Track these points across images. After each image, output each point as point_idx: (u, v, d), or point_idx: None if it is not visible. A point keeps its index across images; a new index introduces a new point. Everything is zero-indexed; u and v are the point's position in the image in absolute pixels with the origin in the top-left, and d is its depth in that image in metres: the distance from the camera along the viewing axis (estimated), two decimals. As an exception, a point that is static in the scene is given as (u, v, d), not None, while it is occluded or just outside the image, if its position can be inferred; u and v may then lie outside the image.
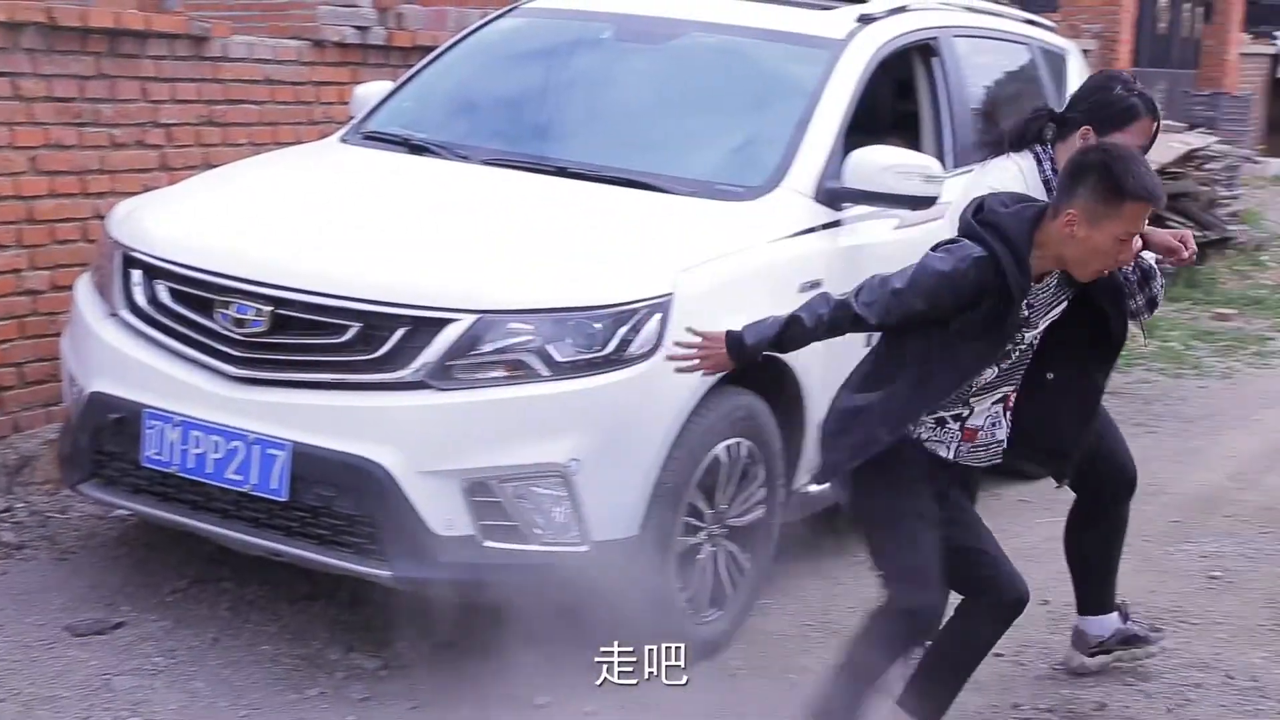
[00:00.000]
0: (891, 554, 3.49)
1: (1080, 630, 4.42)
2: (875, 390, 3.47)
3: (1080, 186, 3.31)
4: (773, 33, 5.17)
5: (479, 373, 3.88)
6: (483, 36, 5.56)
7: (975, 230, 3.38)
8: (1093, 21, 14.91)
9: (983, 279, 3.31)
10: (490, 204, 4.54)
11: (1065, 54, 6.54)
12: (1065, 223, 3.31)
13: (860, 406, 3.48)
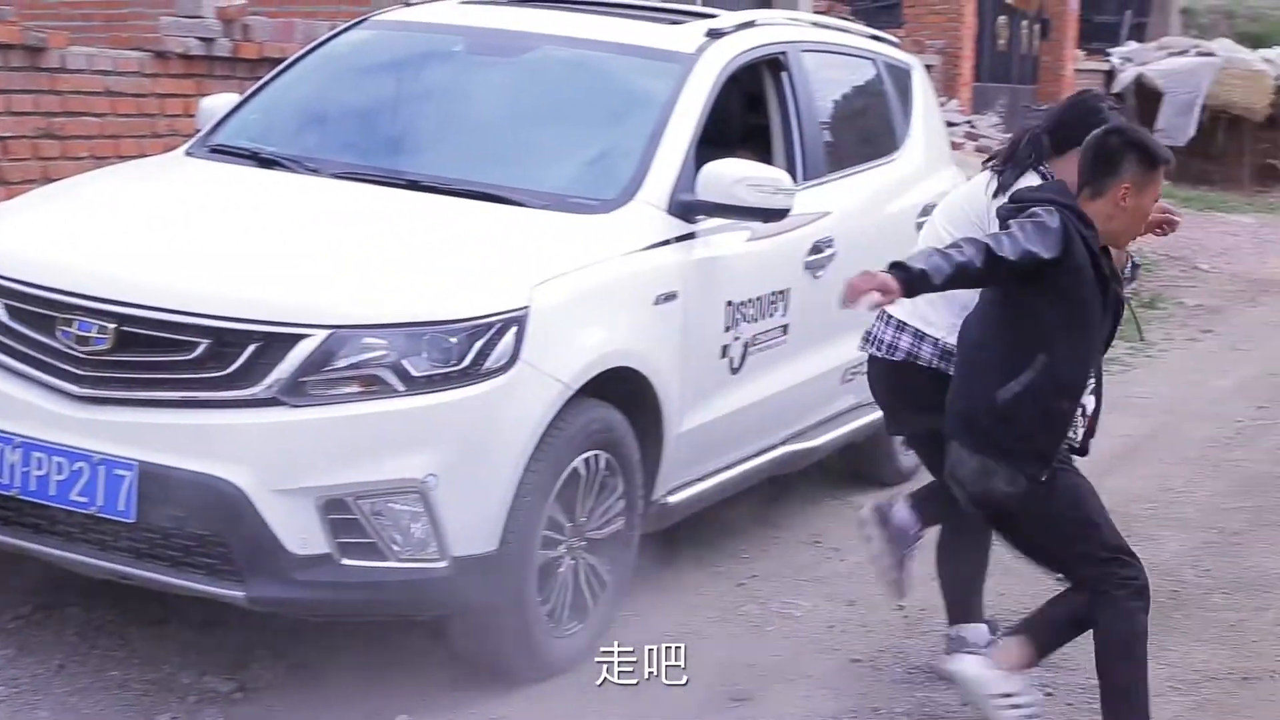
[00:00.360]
0: (1096, 535, 3.82)
1: (959, 637, 4.47)
2: (1025, 372, 3.78)
3: (1124, 162, 3.81)
4: (624, 46, 5.20)
5: (333, 389, 3.82)
6: (332, 48, 5.49)
7: (1044, 198, 3.82)
8: (936, 38, 15.27)
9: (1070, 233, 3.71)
10: (342, 218, 4.48)
11: (910, 69, 6.67)
12: (1120, 196, 3.79)
13: (1024, 389, 3.77)
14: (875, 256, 5.74)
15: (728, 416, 4.95)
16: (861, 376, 5.82)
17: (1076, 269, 3.74)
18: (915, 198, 6.23)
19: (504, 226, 4.43)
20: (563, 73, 5.26)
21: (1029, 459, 3.82)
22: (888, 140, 6.32)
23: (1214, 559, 5.59)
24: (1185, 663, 4.63)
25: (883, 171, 6.12)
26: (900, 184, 6.19)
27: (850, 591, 5.11)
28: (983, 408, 3.85)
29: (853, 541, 5.62)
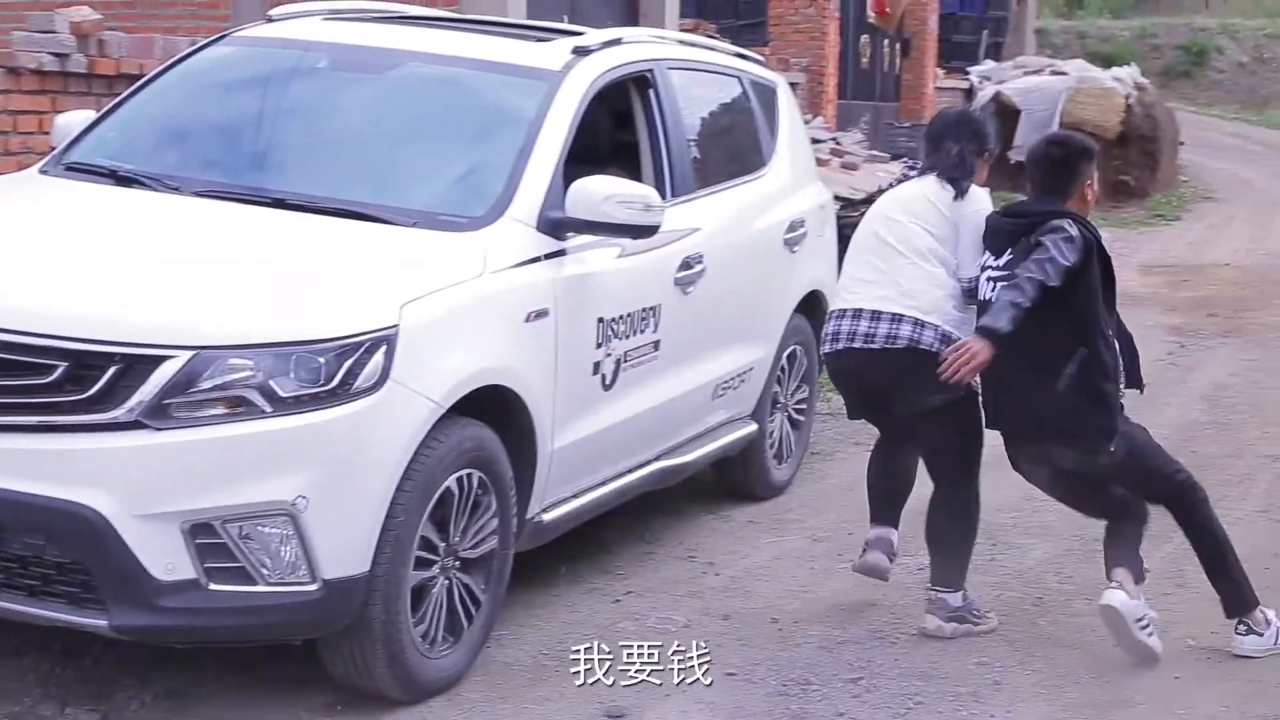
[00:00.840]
0: (1162, 468, 4.87)
1: (940, 599, 5.00)
2: (1071, 362, 4.65)
3: (1083, 163, 4.85)
4: (490, 64, 5.18)
5: (198, 410, 3.75)
6: (192, 64, 5.40)
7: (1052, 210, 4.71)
8: (800, 56, 15.46)
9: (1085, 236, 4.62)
10: (205, 236, 4.40)
11: (775, 87, 6.75)
12: (1085, 191, 4.84)
13: (1075, 379, 4.64)
14: (744, 272, 5.88)
15: (601, 433, 4.95)
16: (733, 391, 5.91)
17: (1092, 263, 4.63)
18: (782, 213, 6.30)
19: (372, 245, 4.38)
20: (429, 90, 5.24)
21: (1096, 438, 4.70)
22: (754, 157, 6.38)
23: (1075, 565, 5.71)
24: (1049, 667, 4.72)
25: (750, 188, 6.18)
26: (767, 200, 6.26)
27: (725, 605, 5.14)
28: (1042, 409, 4.71)
29: (727, 555, 5.67)
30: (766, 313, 6.18)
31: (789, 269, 6.32)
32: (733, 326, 5.84)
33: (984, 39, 22.91)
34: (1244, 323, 11.25)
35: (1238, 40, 38.34)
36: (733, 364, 5.88)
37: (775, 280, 6.22)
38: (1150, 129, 18.86)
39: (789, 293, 6.34)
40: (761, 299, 6.11)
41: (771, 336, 6.22)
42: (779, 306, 6.28)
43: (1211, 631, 5.04)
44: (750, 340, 6.04)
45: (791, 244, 6.31)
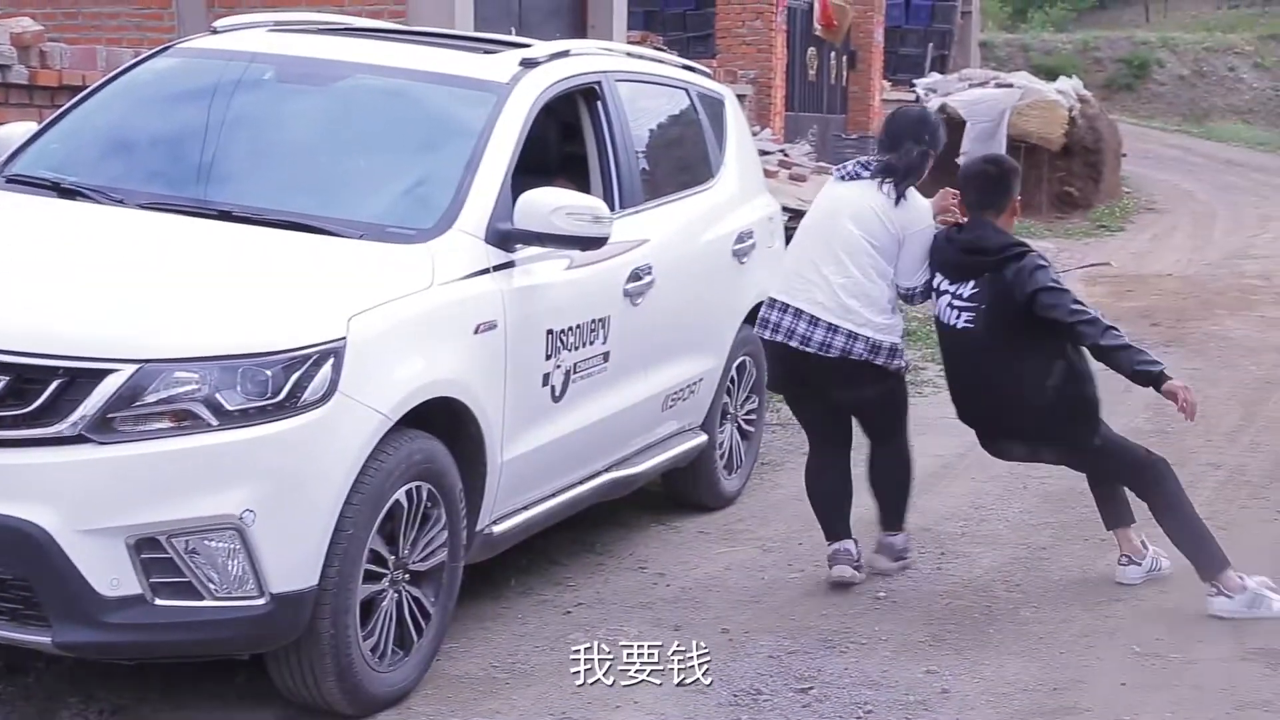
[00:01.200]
0: (1128, 451, 5.48)
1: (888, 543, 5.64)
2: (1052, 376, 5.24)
3: (1015, 180, 5.37)
4: (438, 76, 5.17)
5: (143, 424, 3.71)
6: (136, 76, 5.35)
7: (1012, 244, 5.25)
8: (748, 68, 15.54)
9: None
10: (150, 249, 4.36)
11: (723, 99, 6.77)
12: (1015, 208, 5.38)
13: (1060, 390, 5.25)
14: (693, 283, 5.89)
15: (551, 444, 4.94)
16: (683, 402, 5.92)
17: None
18: (731, 225, 6.32)
19: (319, 257, 4.36)
20: (376, 102, 5.22)
21: (1084, 438, 5.35)
22: (703, 168, 6.40)
23: (1023, 574, 5.75)
24: (998, 675, 4.75)
25: (699, 199, 6.20)
26: (716, 211, 6.28)
27: (676, 616, 5.14)
28: (1032, 420, 5.30)
29: (677, 566, 5.67)
30: (715, 324, 6.20)
31: (738, 280, 6.34)
32: (682, 338, 5.85)
33: (929, 51, 23.13)
34: (1186, 332, 11.38)
35: (1178, 54, 38.84)
36: (682, 375, 5.89)
37: (724, 291, 6.24)
38: (1093, 141, 19.07)
39: (738, 304, 6.36)
40: (710, 310, 6.12)
41: (721, 347, 6.24)
42: (728, 317, 6.29)
43: (1156, 638, 5.09)
44: (699, 351, 6.05)
45: (740, 255, 6.33)
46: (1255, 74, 38.38)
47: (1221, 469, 7.40)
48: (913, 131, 5.39)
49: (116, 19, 10.60)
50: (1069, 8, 52.19)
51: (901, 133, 5.38)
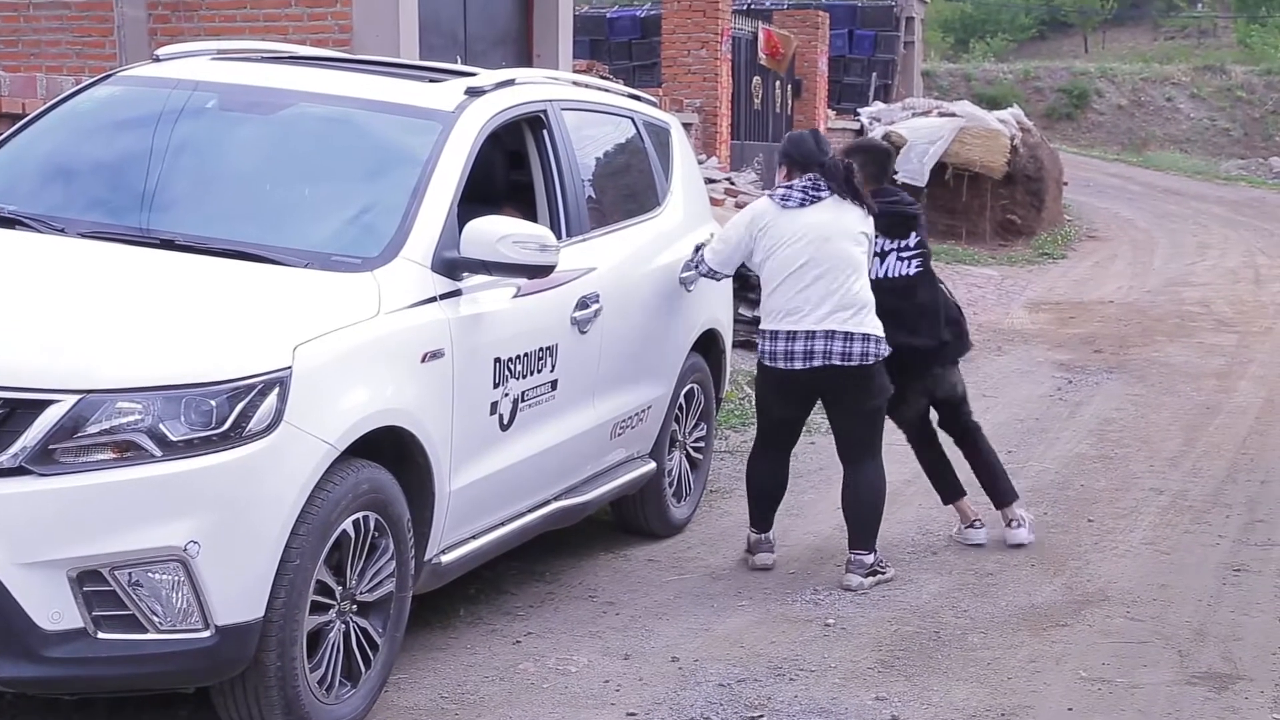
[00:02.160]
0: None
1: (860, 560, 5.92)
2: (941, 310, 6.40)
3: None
4: (383, 104, 5.15)
5: (85, 455, 3.66)
6: (77, 104, 5.31)
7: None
8: (694, 97, 15.60)
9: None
10: (91, 278, 4.31)
11: (668, 127, 6.79)
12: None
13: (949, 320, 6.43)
14: (640, 311, 5.90)
15: (499, 473, 4.92)
16: (631, 430, 5.92)
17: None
18: (678, 253, 6.33)
19: (264, 286, 4.32)
20: (321, 130, 5.19)
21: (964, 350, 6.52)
22: (649, 197, 6.41)
23: (971, 600, 5.78)
24: (946, 701, 4.76)
25: (645, 227, 6.21)
26: (663, 239, 6.29)
27: (626, 645, 5.12)
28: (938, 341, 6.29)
29: (627, 594, 5.66)
30: (663, 352, 6.20)
31: (685, 308, 6.35)
32: (630, 365, 5.85)
33: (873, 81, 23.35)
34: (1128, 358, 11.51)
35: (1116, 84, 39.41)
36: (631, 403, 5.89)
37: (672, 319, 6.24)
38: (1035, 169, 19.29)
39: (686, 332, 6.37)
40: (658, 338, 6.13)
41: (669, 375, 6.24)
42: (676, 345, 6.30)
43: (1103, 663, 5.12)
44: (648, 379, 6.06)
45: (687, 283, 6.34)
46: (1192, 104, 39.00)
47: (1164, 494, 7.48)
48: (823, 147, 6.00)
49: (57, 46, 10.53)
50: (1010, 38, 52.90)
51: (817, 150, 5.96)
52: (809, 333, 5.74)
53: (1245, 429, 9.03)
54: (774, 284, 5.81)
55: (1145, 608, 5.70)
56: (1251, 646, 5.31)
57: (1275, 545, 6.60)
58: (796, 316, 5.76)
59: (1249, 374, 10.93)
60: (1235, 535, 6.74)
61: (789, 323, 5.77)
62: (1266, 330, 13.10)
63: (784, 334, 5.78)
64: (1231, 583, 6.05)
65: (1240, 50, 47.84)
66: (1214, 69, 40.66)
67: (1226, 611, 5.69)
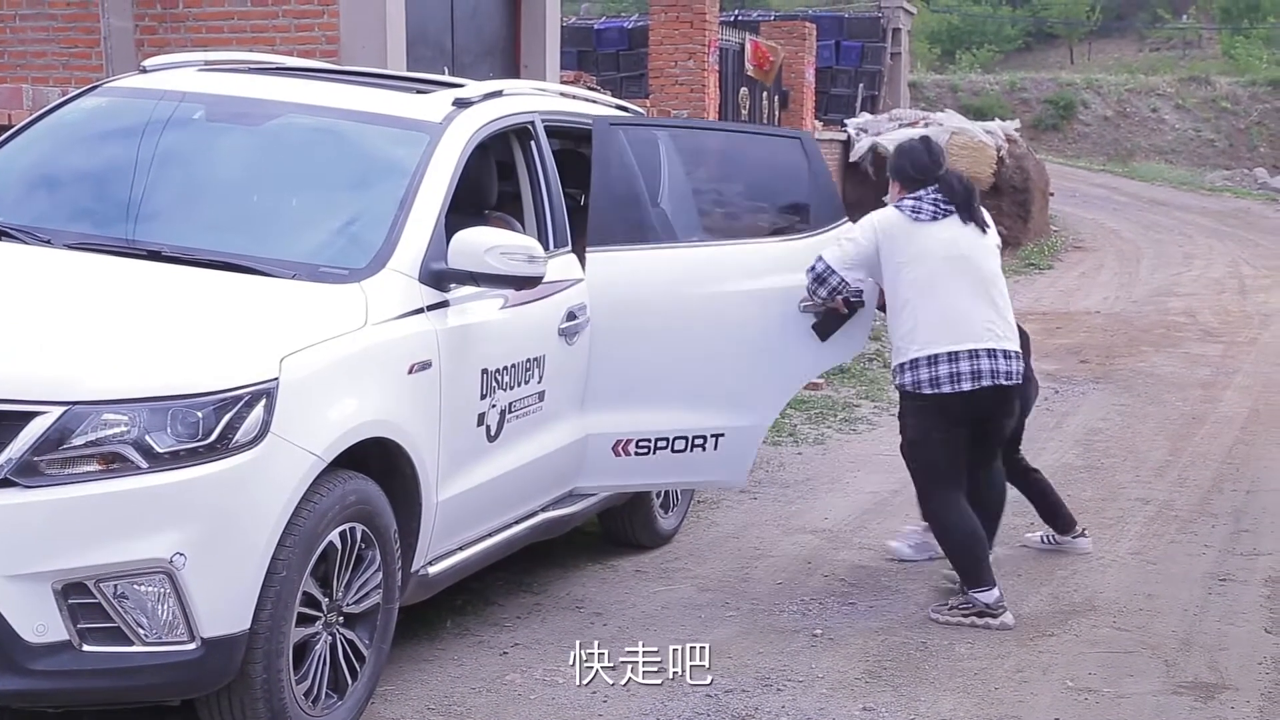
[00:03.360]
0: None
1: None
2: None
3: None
4: (370, 115, 5.15)
5: (70, 467, 3.65)
6: (64, 115, 5.30)
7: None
8: (681, 107, 15.62)
9: None
10: (78, 289, 4.30)
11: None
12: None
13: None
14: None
15: (486, 484, 4.92)
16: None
17: None
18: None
19: (251, 297, 4.31)
20: (308, 141, 5.19)
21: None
22: (636, 208, 6.39)
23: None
24: (933, 712, 4.76)
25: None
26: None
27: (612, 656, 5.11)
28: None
29: (614, 605, 5.65)
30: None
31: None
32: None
33: (860, 92, 23.39)
34: (1114, 369, 11.54)
35: (1102, 95, 39.52)
36: (617, 414, 5.87)
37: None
38: (1021, 180, 19.35)
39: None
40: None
41: (655, 386, 6.22)
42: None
43: (1089, 673, 5.13)
44: (634, 390, 6.03)
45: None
46: (1177, 115, 39.12)
47: (1150, 504, 7.49)
48: (937, 158, 5.76)
49: (43, 58, 10.50)
50: (996, 50, 53.04)
51: (932, 162, 5.71)
52: (972, 351, 5.47)
53: (1231, 439, 9.06)
54: (913, 302, 5.54)
55: (1132, 617, 5.71)
56: (1237, 656, 5.33)
57: (1261, 555, 6.62)
58: (955, 336, 5.48)
59: (1234, 384, 10.97)
60: (1221, 545, 6.76)
61: (948, 343, 5.48)
62: (1252, 340, 13.15)
63: (945, 356, 5.47)
64: (1218, 592, 6.07)
65: (1225, 61, 48.02)
66: (1199, 80, 40.82)
67: (1213, 621, 5.70)
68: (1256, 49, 48.18)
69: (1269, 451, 8.74)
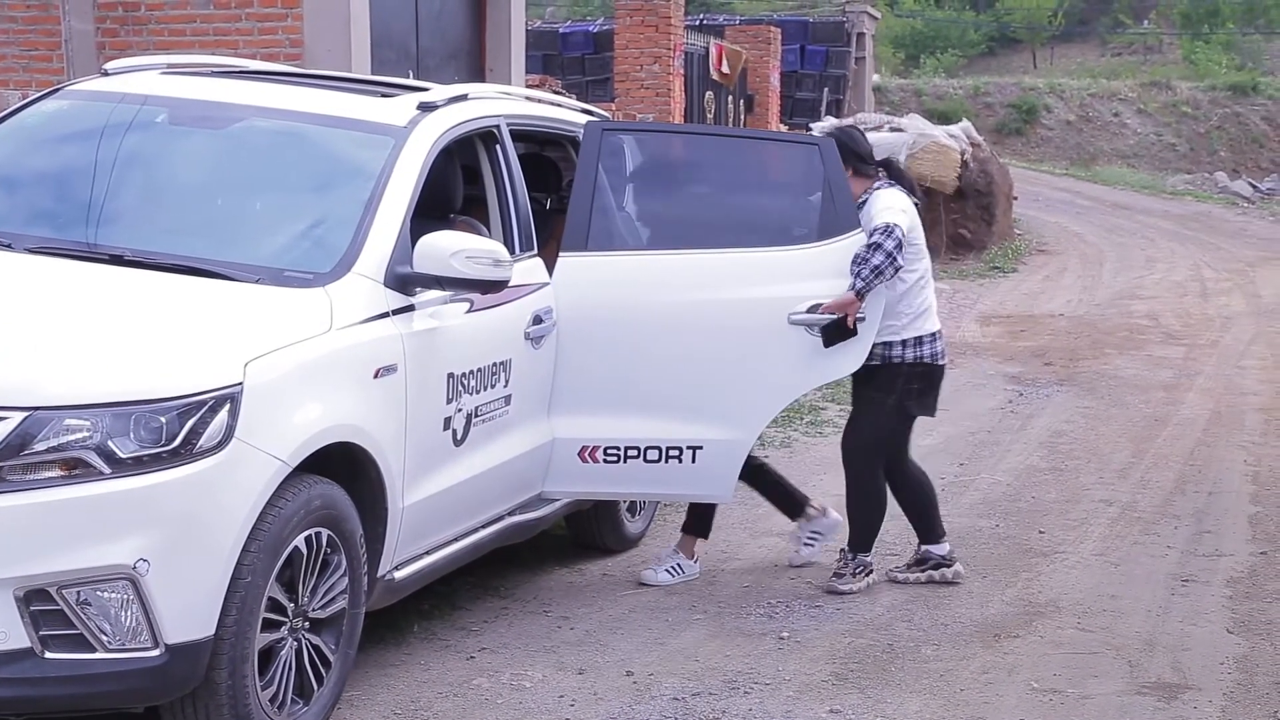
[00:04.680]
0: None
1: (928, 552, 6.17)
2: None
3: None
4: (334, 119, 5.13)
5: (32, 473, 3.62)
6: (24, 118, 5.26)
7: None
8: (647, 111, 15.64)
9: None
10: (38, 294, 4.27)
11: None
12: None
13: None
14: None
15: (453, 489, 4.91)
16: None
17: None
18: (631, 267, 6.32)
19: (214, 301, 4.29)
20: (272, 145, 5.17)
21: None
22: (602, 211, 6.39)
23: (923, 612, 5.80)
24: (900, 713, 4.78)
25: (599, 242, 6.18)
26: (616, 254, 6.26)
27: (580, 660, 5.11)
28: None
29: (582, 609, 5.65)
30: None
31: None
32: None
33: (825, 96, 23.49)
34: (1077, 371, 11.60)
35: (1065, 99, 39.77)
36: (584, 418, 5.86)
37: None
38: (985, 184, 19.44)
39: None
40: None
41: (621, 390, 6.22)
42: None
43: (1054, 674, 5.16)
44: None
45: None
46: (1139, 119, 39.40)
47: (1114, 505, 7.54)
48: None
49: (3, 60, 10.43)
50: (959, 54, 53.31)
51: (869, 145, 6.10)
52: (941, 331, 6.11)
53: (1193, 440, 9.13)
54: (922, 280, 5.96)
55: (1096, 618, 5.74)
56: (1200, 656, 5.36)
57: (1223, 556, 6.67)
58: (934, 314, 6.04)
59: (1196, 386, 11.05)
60: (1183, 546, 6.81)
61: (936, 321, 6.05)
62: (1213, 343, 13.25)
63: (940, 333, 6.06)
64: (1180, 593, 6.11)
65: (1185, 67, 48.43)
66: (1160, 85, 41.12)
67: (1175, 622, 5.74)
68: (1216, 54, 48.62)
69: (1230, 453, 8.81)
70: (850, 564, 6.04)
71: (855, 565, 6.03)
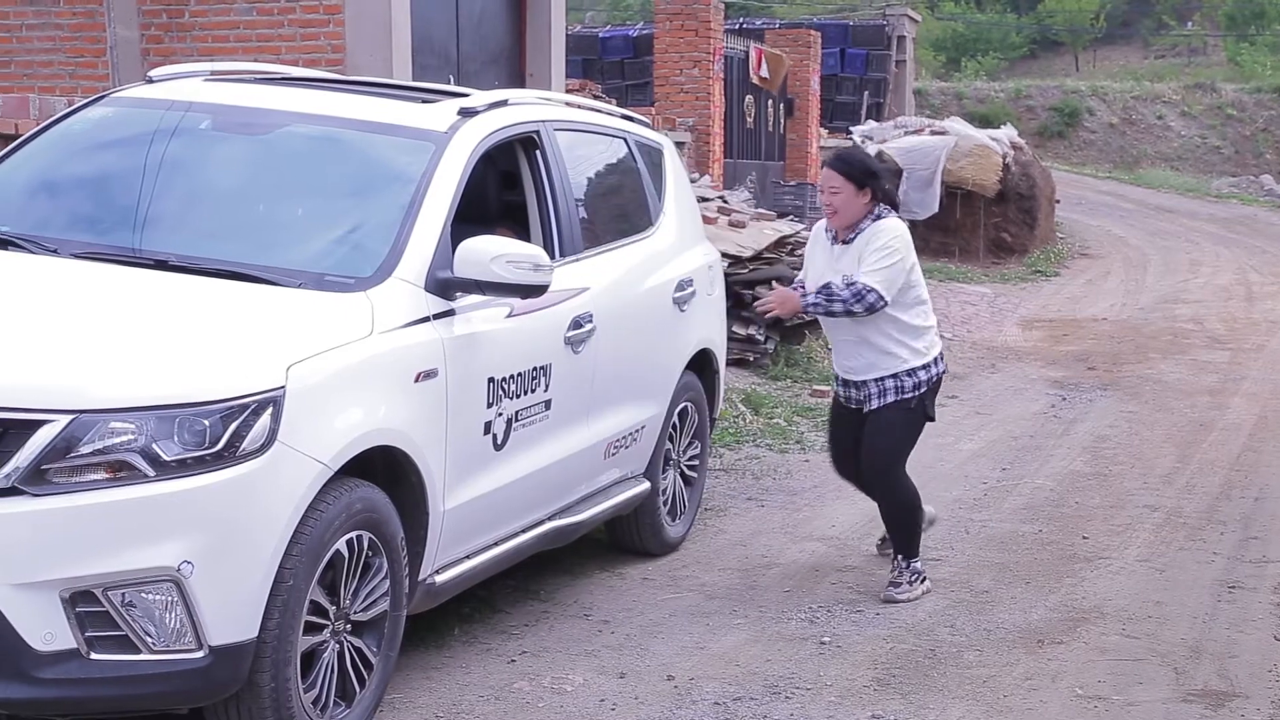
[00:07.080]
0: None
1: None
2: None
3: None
4: (376, 125, 5.15)
5: (78, 476, 3.65)
6: (71, 125, 5.31)
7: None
8: (686, 116, 15.64)
9: None
10: (85, 299, 4.30)
11: (661, 147, 6.80)
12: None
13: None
14: (634, 331, 5.90)
15: (493, 493, 4.92)
16: (625, 450, 5.93)
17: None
18: (670, 273, 6.34)
19: (258, 306, 4.31)
20: (314, 150, 5.19)
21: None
22: (642, 217, 6.42)
23: (966, 617, 5.77)
24: (942, 719, 4.75)
25: (639, 247, 6.21)
26: (656, 259, 6.29)
27: (621, 664, 5.11)
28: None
29: (622, 613, 5.65)
30: (657, 371, 6.20)
31: (679, 327, 6.35)
32: (624, 385, 5.85)
33: (865, 99, 23.43)
34: (1121, 375, 11.52)
35: (1107, 102, 39.51)
36: (624, 422, 5.88)
37: (665, 339, 6.24)
38: (1027, 187, 19.35)
39: (679, 351, 6.37)
40: (652, 357, 6.13)
41: (663, 394, 6.24)
42: (669, 365, 6.30)
43: (1099, 680, 5.12)
44: (642, 398, 6.05)
45: (680, 303, 6.35)
46: (1182, 122, 39.09)
47: (1159, 511, 7.48)
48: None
49: (50, 68, 10.53)
50: (1001, 57, 53.05)
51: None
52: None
53: (1239, 446, 9.04)
54: (925, 304, 6.06)
55: (1141, 625, 5.69)
56: (1247, 664, 5.31)
57: (1270, 562, 6.61)
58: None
59: (1242, 391, 10.95)
60: (1230, 552, 6.74)
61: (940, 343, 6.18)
62: (1259, 347, 13.13)
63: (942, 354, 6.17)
64: (1227, 600, 6.05)
65: (1230, 68, 48.01)
66: (1204, 87, 40.79)
67: (1222, 629, 5.69)
68: (1262, 55, 48.15)
69: (1277, 459, 8.72)
70: (905, 572, 6.02)
71: (910, 573, 6.02)
